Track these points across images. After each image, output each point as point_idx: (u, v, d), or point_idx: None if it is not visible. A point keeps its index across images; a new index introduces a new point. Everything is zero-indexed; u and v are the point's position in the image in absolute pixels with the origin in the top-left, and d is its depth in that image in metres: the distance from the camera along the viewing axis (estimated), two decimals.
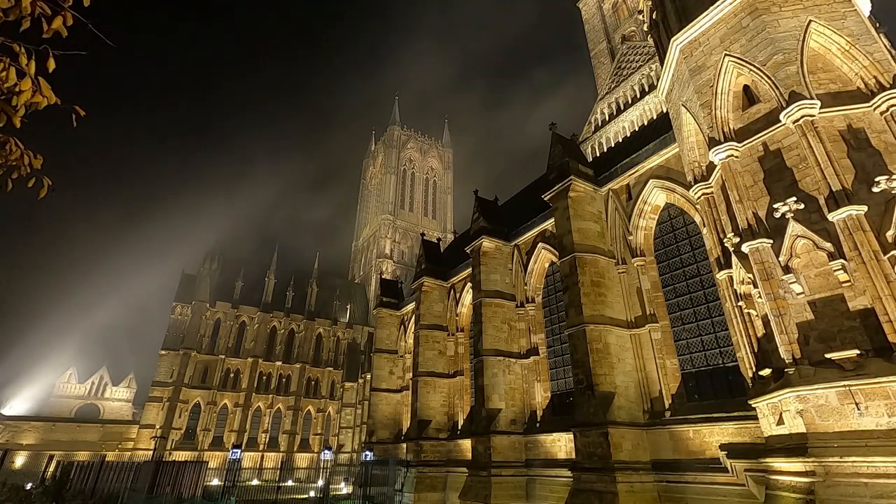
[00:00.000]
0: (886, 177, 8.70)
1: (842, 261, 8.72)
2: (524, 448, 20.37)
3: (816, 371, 8.54)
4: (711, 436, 13.13)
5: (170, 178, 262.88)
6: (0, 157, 3.20)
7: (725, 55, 11.57)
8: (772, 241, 9.77)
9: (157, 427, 53.87)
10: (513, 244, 24.55)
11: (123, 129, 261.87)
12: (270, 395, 62.05)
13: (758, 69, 10.84)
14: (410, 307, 34.59)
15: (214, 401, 58.15)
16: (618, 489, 13.34)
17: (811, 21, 10.60)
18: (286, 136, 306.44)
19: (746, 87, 11.35)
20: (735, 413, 12.41)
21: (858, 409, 7.92)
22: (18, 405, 71.37)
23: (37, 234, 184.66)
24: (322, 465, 48.11)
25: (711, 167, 11.84)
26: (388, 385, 33.69)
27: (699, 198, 12.45)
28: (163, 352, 60.50)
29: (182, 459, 36.03)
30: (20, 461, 47.11)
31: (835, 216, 8.85)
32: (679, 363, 15.47)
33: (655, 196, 17.42)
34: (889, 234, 8.49)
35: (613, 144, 30.64)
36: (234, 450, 30.41)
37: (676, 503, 13.39)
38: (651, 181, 17.33)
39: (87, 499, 22.15)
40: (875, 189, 8.76)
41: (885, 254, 8.39)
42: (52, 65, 3.10)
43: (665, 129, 17.46)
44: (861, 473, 7.60)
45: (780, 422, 9.17)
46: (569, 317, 17.10)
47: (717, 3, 11.91)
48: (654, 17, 14.71)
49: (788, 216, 9.48)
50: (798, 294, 9.30)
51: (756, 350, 10.17)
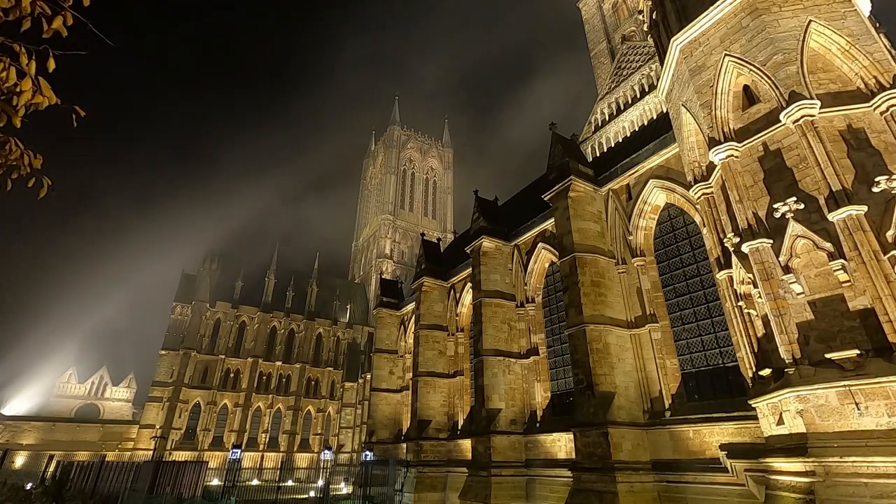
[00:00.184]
0: (886, 177, 8.70)
1: (842, 261, 8.72)
2: (524, 448, 20.37)
3: (816, 371, 8.54)
4: (711, 436, 13.13)
5: (170, 178, 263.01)
6: (0, 157, 3.20)
7: (725, 55, 11.57)
8: (772, 241, 9.77)
9: (157, 427, 53.91)
10: (513, 244, 24.56)
11: (123, 129, 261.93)
12: (270, 395, 62.07)
13: (758, 69, 10.84)
14: (410, 307, 34.59)
15: (214, 401, 58.16)
16: (618, 489, 13.34)
17: (811, 21, 10.59)
18: (286, 136, 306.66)
19: (746, 87, 11.35)
20: (735, 413, 12.41)
21: (858, 409, 7.92)
22: (18, 405, 71.34)
23: (37, 234, 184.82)
24: (322, 465, 48.18)
25: (711, 167, 11.84)
26: (388, 385, 33.70)
27: (699, 198, 12.45)
28: (163, 352, 60.57)
29: (182, 459, 36.04)
30: (20, 461, 47.08)
31: (835, 216, 8.85)
32: (679, 363, 15.47)
33: (655, 196, 17.42)
34: (889, 234, 8.49)
35: (613, 144, 30.62)
36: (234, 450, 30.46)
37: (676, 503, 13.40)
38: (651, 181, 17.33)
39: (87, 499, 22.13)
40: (875, 189, 8.76)
41: (885, 254, 8.39)
42: (53, 65, 3.11)
43: (665, 129, 17.47)
44: (861, 473, 7.60)
45: (780, 422, 9.17)
46: (569, 317, 17.11)
47: (717, 4, 11.91)
48: (654, 17, 14.71)
49: (788, 216, 9.48)
50: (798, 294, 9.30)
51: (756, 350, 10.17)
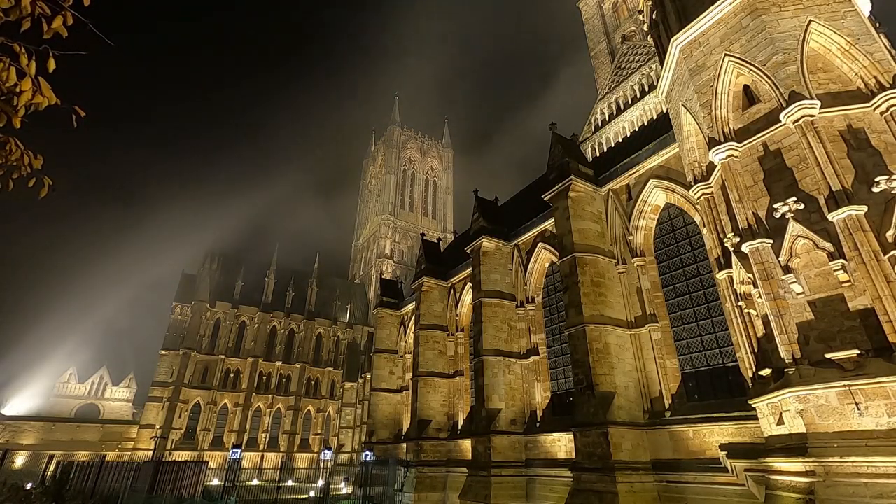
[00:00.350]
0: (886, 177, 8.70)
1: (842, 261, 8.72)
2: (524, 448, 20.37)
3: (816, 371, 8.54)
4: (711, 436, 13.13)
5: (170, 178, 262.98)
6: (0, 157, 3.20)
7: (725, 55, 11.57)
8: (772, 241, 9.77)
9: (157, 427, 53.92)
10: (513, 244, 24.55)
11: (123, 129, 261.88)
12: (270, 395, 62.07)
13: (758, 69, 10.84)
14: (410, 307, 34.59)
15: (214, 401, 58.16)
16: (618, 489, 13.34)
17: (811, 21, 10.59)
18: (286, 136, 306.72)
19: (746, 87, 11.35)
20: (735, 413, 12.41)
21: (858, 409, 7.92)
22: (18, 405, 71.38)
23: (37, 234, 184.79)
24: (322, 465, 48.18)
25: (711, 167, 11.84)
26: (388, 385, 33.70)
27: (699, 198, 12.45)
28: (163, 352, 60.61)
29: (182, 459, 36.07)
30: (20, 461, 47.07)
31: (835, 216, 8.85)
32: (679, 363, 15.48)
33: (655, 196, 17.42)
34: (889, 234, 8.49)
35: (613, 144, 30.62)
36: (234, 450, 30.46)
37: (676, 503, 13.40)
38: (651, 181, 17.33)
39: (87, 499, 22.13)
40: (875, 189, 8.76)
41: (885, 254, 8.39)
42: (53, 65, 3.11)
43: (665, 129, 17.46)
44: (861, 473, 7.60)
45: (780, 422, 9.17)
46: (569, 317, 17.11)
47: (717, 4, 11.91)
48: (654, 17, 14.71)
49: (788, 216, 9.48)
50: (798, 294, 9.30)
51: (756, 350, 10.17)
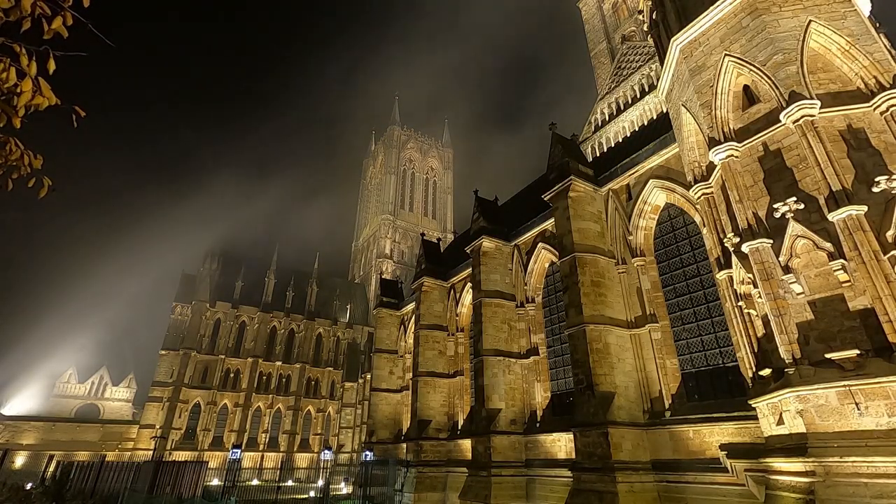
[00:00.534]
0: (886, 177, 8.70)
1: (842, 261, 8.72)
2: (524, 448, 20.37)
3: (816, 371, 8.54)
4: (711, 436, 13.13)
5: (170, 179, 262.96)
6: (0, 157, 3.20)
7: (725, 55, 11.56)
8: (772, 241, 9.77)
9: (157, 427, 53.94)
10: (513, 244, 24.55)
11: (124, 129, 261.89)
12: (270, 395, 62.09)
13: (758, 69, 10.84)
14: (410, 307, 34.59)
15: (214, 401, 58.18)
16: (618, 489, 13.34)
17: (811, 21, 10.59)
18: (286, 136, 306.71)
19: (746, 87, 11.35)
20: (735, 413, 12.40)
21: (858, 409, 7.92)
22: (18, 405, 71.39)
23: (37, 234, 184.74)
24: (322, 465, 48.20)
25: (711, 167, 11.84)
26: (388, 385, 33.69)
27: (699, 198, 12.45)
28: (163, 352, 60.62)
29: (182, 459, 36.07)
30: (20, 461, 47.09)
31: (835, 216, 8.85)
32: (679, 363, 15.47)
33: (655, 196, 17.42)
34: (889, 234, 8.49)
35: (613, 144, 30.64)
36: (234, 450, 30.47)
37: (676, 503, 13.40)
38: (651, 181, 17.33)
39: (87, 499, 22.14)
40: (875, 189, 8.76)
41: (885, 254, 8.38)
42: (53, 65, 3.11)
43: (665, 129, 17.46)
44: (861, 473, 7.60)
45: (780, 422, 9.17)
46: (569, 317, 17.11)
47: (717, 4, 11.91)
48: (654, 17, 14.71)
49: (788, 216, 9.48)
50: (798, 294, 9.30)
51: (756, 350, 10.17)
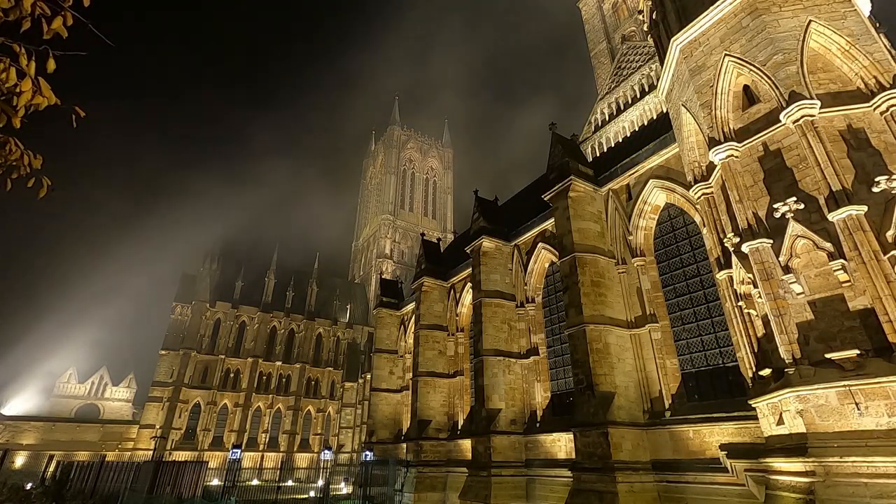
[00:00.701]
0: (886, 177, 8.70)
1: (842, 261, 8.72)
2: (524, 448, 20.37)
3: (816, 371, 8.54)
4: (711, 436, 13.13)
5: (170, 179, 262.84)
6: (0, 157, 3.20)
7: (725, 55, 11.56)
8: (772, 241, 9.77)
9: (157, 427, 53.93)
10: (513, 244, 24.55)
11: (124, 129, 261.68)
12: (270, 395, 62.07)
13: (758, 69, 10.84)
14: (410, 307, 34.58)
15: (214, 401, 58.17)
16: (618, 489, 13.34)
17: (811, 21, 10.59)
18: (286, 136, 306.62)
19: (746, 87, 11.35)
20: (735, 413, 12.40)
21: (858, 409, 7.92)
22: (18, 405, 71.38)
23: (37, 234, 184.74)
24: (322, 465, 48.20)
25: (711, 167, 11.84)
26: (388, 385, 33.69)
27: (699, 198, 12.45)
28: (163, 352, 60.61)
29: (182, 459, 36.07)
30: (20, 461, 47.10)
31: (835, 216, 8.85)
32: (679, 363, 15.47)
33: (655, 196, 17.42)
34: (889, 234, 8.49)
35: (613, 144, 30.63)
36: (234, 450, 30.45)
37: (676, 503, 13.40)
38: (651, 181, 17.33)
39: (87, 499, 22.15)
40: (875, 189, 8.76)
41: (885, 254, 8.38)
42: (53, 65, 3.11)
43: (665, 129, 17.46)
44: (861, 473, 7.60)
45: (780, 422, 9.17)
46: (569, 317, 17.10)
47: (717, 3, 11.91)
48: (654, 17, 14.71)
49: (788, 216, 9.48)
50: (798, 294, 9.30)
51: (756, 350, 10.17)
